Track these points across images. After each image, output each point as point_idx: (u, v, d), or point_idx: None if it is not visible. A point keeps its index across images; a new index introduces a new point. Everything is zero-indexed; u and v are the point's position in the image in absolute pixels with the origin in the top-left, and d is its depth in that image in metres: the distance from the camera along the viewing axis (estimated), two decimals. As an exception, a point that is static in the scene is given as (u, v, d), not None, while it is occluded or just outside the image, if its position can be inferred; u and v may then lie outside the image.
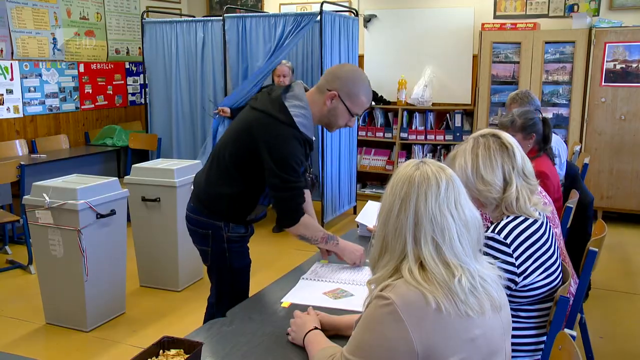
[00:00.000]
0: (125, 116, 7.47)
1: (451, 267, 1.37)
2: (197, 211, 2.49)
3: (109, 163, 6.50)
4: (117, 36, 7.35)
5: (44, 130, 6.41)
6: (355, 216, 6.50)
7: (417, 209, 1.38)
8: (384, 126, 7.20)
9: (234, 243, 2.49)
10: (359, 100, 2.35)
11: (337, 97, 2.33)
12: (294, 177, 2.29)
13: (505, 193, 1.91)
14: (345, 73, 2.36)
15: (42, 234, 3.71)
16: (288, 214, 2.34)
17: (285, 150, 2.27)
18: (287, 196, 2.30)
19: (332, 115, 2.37)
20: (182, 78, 6.36)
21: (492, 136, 1.95)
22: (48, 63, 6.41)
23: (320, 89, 2.38)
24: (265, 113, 2.33)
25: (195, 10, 8.22)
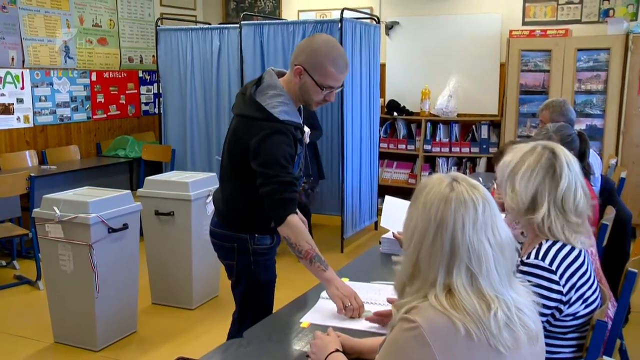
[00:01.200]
0: (138, 126, 7.54)
1: (486, 298, 1.34)
2: (221, 225, 2.52)
3: (121, 175, 6.56)
4: (130, 44, 7.43)
5: (54, 140, 6.49)
6: (376, 232, 6.52)
7: (453, 237, 1.35)
8: (406, 138, 7.18)
9: (260, 255, 2.50)
10: (327, 71, 2.30)
11: (303, 72, 2.31)
12: (278, 171, 2.25)
13: (530, 213, 1.87)
14: (309, 44, 2.33)
15: (51, 249, 3.73)
16: (272, 210, 2.28)
17: (269, 149, 2.26)
18: (267, 190, 2.26)
19: (304, 92, 2.34)
20: (197, 87, 6.40)
21: (551, 152, 1.91)
22: (59, 71, 6.50)
23: (290, 66, 2.37)
24: (242, 117, 2.36)
25: (211, 17, 8.29)
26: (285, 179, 2.26)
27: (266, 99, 2.33)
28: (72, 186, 4.35)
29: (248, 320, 2.41)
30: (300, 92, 2.36)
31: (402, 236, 1.46)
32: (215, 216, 2.59)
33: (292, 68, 2.36)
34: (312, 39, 2.36)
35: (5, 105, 5.94)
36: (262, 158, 2.27)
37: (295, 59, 2.34)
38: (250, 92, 2.38)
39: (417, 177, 7.04)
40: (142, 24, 7.58)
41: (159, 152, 6.60)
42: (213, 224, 2.58)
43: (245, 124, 2.34)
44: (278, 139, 2.28)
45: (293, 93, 2.37)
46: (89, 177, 5.98)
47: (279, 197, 2.26)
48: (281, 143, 2.28)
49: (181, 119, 6.55)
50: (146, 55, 7.64)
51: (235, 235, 2.48)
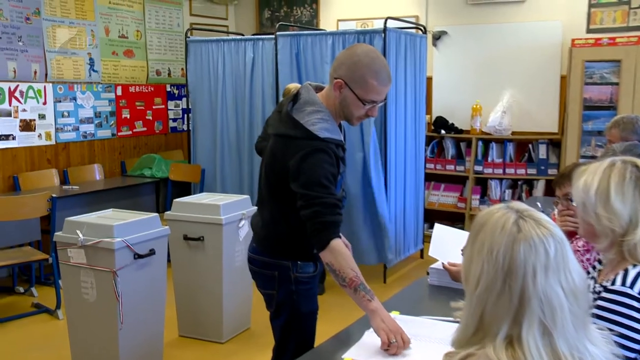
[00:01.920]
0: (166, 144, 7.65)
1: (561, 358, 1.30)
2: (260, 251, 2.55)
3: (147, 196, 6.65)
4: (158, 56, 7.58)
5: (77, 159, 6.62)
6: (422, 261, 6.47)
7: (524, 287, 1.31)
8: (455, 158, 7.14)
9: (303, 284, 2.52)
10: (369, 84, 2.33)
11: (344, 85, 2.34)
12: (320, 192, 2.27)
13: (627, 236, 1.83)
14: (350, 56, 2.35)
15: (73, 275, 3.79)
16: (314, 235, 2.28)
17: (310, 170, 2.28)
18: (308, 213, 2.28)
19: (345, 107, 2.38)
20: (229, 103, 6.48)
21: (634, 166, 1.88)
22: (83, 85, 6.65)
23: (330, 80, 2.40)
24: (279, 136, 2.40)
25: (244, 27, 8.41)
26: (327, 200, 2.27)
27: (304, 116, 2.37)
28: (95, 208, 4.42)
29: (288, 355, 2.43)
30: (340, 107, 2.39)
31: (463, 281, 1.42)
32: (253, 242, 2.61)
33: (331, 81, 2.39)
34: (353, 49, 2.38)
35: (26, 122, 6.10)
36: (302, 179, 2.29)
37: (335, 72, 2.37)
38: (287, 110, 2.41)
39: (467, 200, 6.98)
40: (170, 34, 7.73)
41: (188, 172, 6.68)
42: (251, 250, 2.61)
43: (283, 144, 2.37)
44: (319, 158, 2.30)
45: (333, 108, 2.40)
46: (113, 198, 6.08)
47: (321, 220, 2.26)
48: (322, 162, 2.30)
49: (211, 137, 6.63)
50: (175, 68, 7.77)
51: (276, 263, 2.50)
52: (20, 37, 6.01)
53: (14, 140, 6.01)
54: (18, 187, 5.97)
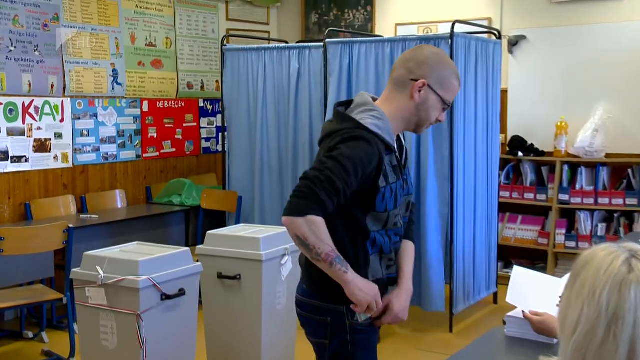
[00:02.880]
0: (197, 167, 7.77)
1: None
2: (310, 294, 2.56)
3: (176, 227, 6.74)
4: (190, 66, 7.72)
5: (96, 184, 6.76)
6: (496, 307, 6.38)
7: (634, 339, 1.29)
8: (535, 185, 7.06)
9: (360, 333, 2.52)
10: (452, 85, 2.52)
11: (426, 87, 2.47)
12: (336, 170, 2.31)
13: None
14: (431, 55, 2.51)
15: (91, 318, 3.83)
16: (297, 196, 2.31)
17: (343, 149, 2.35)
18: (309, 175, 2.33)
19: (423, 111, 2.50)
20: (271, 120, 6.54)
21: None
22: (105, 100, 6.81)
23: (399, 83, 2.52)
24: (326, 137, 2.48)
25: (288, 33, 8.50)
26: (336, 182, 2.30)
27: (356, 115, 2.47)
28: (117, 240, 4.49)
29: None
30: (417, 110, 2.51)
31: (559, 330, 1.41)
32: (303, 282, 2.62)
33: (404, 84, 2.51)
34: (426, 50, 2.55)
35: (41, 142, 6.27)
36: (331, 152, 2.36)
37: (412, 73, 2.49)
38: (338, 114, 2.54)
39: (550, 236, 6.88)
40: (204, 42, 7.87)
41: (222, 200, 6.75)
42: (300, 292, 2.62)
43: (328, 142, 2.45)
44: (359, 145, 2.36)
45: (396, 113, 2.51)
46: (137, 229, 6.18)
47: (315, 190, 2.29)
48: (361, 149, 2.36)
49: (250, 160, 6.70)
50: (209, 80, 7.91)
51: (329, 307, 2.51)
52: (37, 47, 6.20)
53: (27, 163, 6.17)
54: (30, 215, 6.11)
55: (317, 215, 2.30)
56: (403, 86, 2.51)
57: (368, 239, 2.48)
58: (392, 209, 2.49)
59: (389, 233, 2.53)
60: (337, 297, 2.47)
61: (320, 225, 2.31)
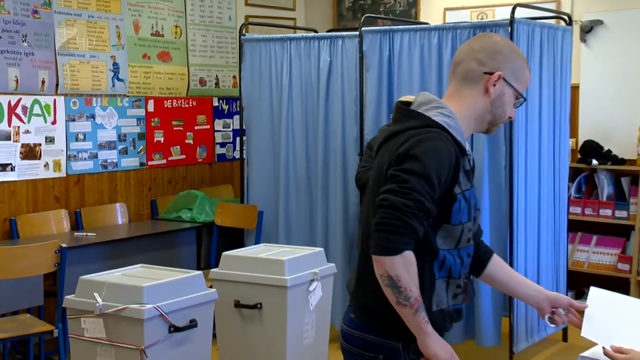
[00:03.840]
0: (211, 177, 7.79)
1: None
2: (362, 326, 2.56)
3: (186, 247, 6.72)
4: (202, 59, 7.75)
5: (93, 196, 6.78)
6: (566, 345, 6.30)
7: None
8: (613, 199, 6.97)
9: None
10: (525, 77, 2.64)
11: (501, 79, 2.56)
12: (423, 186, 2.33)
13: None
14: (503, 44, 2.61)
15: (87, 354, 3.83)
16: (388, 232, 2.33)
17: (423, 156, 2.37)
18: (395, 202, 2.32)
19: (498, 107, 2.59)
20: (297, 122, 6.54)
21: None
22: (105, 99, 6.84)
23: (469, 77, 2.59)
24: (390, 137, 2.54)
25: (317, 21, 8.49)
26: (425, 201, 2.33)
27: (424, 112, 2.52)
28: (118, 262, 4.50)
29: None
30: (492, 106, 2.59)
31: None
32: (351, 311, 2.64)
33: (476, 78, 2.58)
34: (496, 38, 2.65)
35: (29, 147, 6.29)
36: (409, 164, 2.37)
37: (485, 66, 2.57)
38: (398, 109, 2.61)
39: (633, 260, 6.78)
40: (220, 31, 7.91)
41: (240, 216, 6.74)
42: (348, 323, 2.63)
43: (395, 140, 2.49)
44: (438, 147, 2.41)
45: (467, 112, 2.58)
46: (141, 249, 6.19)
47: (407, 219, 2.31)
48: (438, 153, 2.40)
49: (272, 168, 6.69)
50: (225, 76, 7.94)
51: (383, 343, 2.51)
52: (25, 36, 6.24)
53: (13, 172, 6.18)
54: (16, 233, 6.12)
55: (411, 249, 2.34)
56: (474, 81, 2.57)
57: (436, 259, 2.48)
58: (465, 221, 2.51)
59: (461, 253, 2.54)
60: (393, 331, 2.48)
61: (414, 263, 2.35)
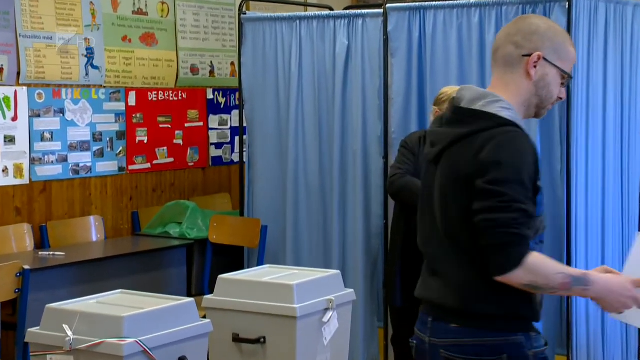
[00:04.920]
0: (205, 185, 7.79)
1: None
2: (474, 332, 2.82)
3: (175, 269, 6.73)
4: (194, 43, 7.76)
5: (62, 207, 6.78)
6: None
7: None
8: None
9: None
10: (569, 53, 2.91)
11: (542, 60, 2.85)
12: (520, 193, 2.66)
13: None
14: (538, 23, 2.91)
15: (55, 398, 3.84)
16: (500, 249, 2.66)
17: (511, 159, 2.69)
18: (499, 219, 2.64)
19: (543, 88, 2.89)
20: (309, 118, 6.54)
21: None
22: (76, 91, 6.85)
23: (508, 62, 2.90)
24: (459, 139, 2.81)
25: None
26: (527, 207, 2.65)
27: (480, 108, 2.82)
28: (92, 288, 4.48)
29: None
30: (537, 90, 2.88)
31: None
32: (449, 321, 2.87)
33: (515, 62, 2.88)
34: (532, 18, 2.99)
35: (-15, 148, 6.31)
36: (496, 172, 2.67)
37: (523, 48, 2.86)
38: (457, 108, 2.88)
39: None
40: (215, 8, 7.92)
41: (240, 231, 6.73)
42: (452, 334, 2.86)
43: (467, 145, 2.77)
44: (523, 146, 2.74)
45: (516, 98, 2.88)
46: (120, 271, 6.17)
47: (516, 231, 2.62)
48: (526, 153, 2.73)
49: (279, 174, 6.69)
50: (221, 62, 7.96)
51: (505, 341, 2.80)
52: (-19, 15, 6.28)
53: (-35, 178, 6.22)
54: (-32, 252, 6.13)
55: (529, 253, 2.66)
56: (514, 65, 2.87)
57: None
58: (543, 210, 2.82)
59: (537, 239, 2.83)
60: (513, 326, 2.80)
61: (538, 261, 2.69)
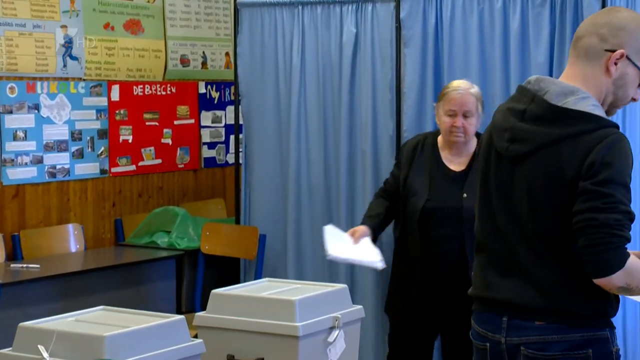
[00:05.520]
0: (196, 189, 7.80)
1: None
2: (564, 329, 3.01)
3: (163, 283, 6.75)
4: (185, 31, 7.77)
5: (37, 214, 6.77)
6: None
7: None
8: None
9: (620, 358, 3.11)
10: None
11: (624, 58, 2.98)
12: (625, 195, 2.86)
13: None
14: (629, 19, 3.02)
15: None
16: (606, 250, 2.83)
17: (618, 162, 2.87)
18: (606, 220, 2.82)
19: (621, 87, 3.04)
20: (312, 114, 6.53)
21: None
22: (53, 84, 6.85)
23: (589, 54, 3.03)
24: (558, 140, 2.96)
25: (339, -22, 8.48)
26: (630, 209, 2.86)
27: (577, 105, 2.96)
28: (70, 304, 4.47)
29: None
30: (614, 87, 3.03)
31: None
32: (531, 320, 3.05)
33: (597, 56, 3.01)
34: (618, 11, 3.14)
35: (-49, 148, 6.32)
36: (606, 173, 2.84)
37: (607, 42, 2.99)
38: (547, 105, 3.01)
39: None
40: (207, -7, 7.93)
41: (235, 241, 6.73)
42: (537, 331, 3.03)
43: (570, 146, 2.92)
44: (624, 148, 2.91)
45: (595, 93, 3.02)
46: (101, 286, 6.17)
47: (621, 233, 2.82)
48: (628, 153, 2.92)
49: (279, 177, 6.69)
50: (214, 52, 7.96)
51: (591, 337, 3.00)
52: (-53, -1, 6.28)
53: None
54: None
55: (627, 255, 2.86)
56: (594, 59, 3.00)
57: None
58: None
59: None
60: (600, 323, 3.02)
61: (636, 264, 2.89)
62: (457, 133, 5.15)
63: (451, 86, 5.35)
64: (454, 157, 5.30)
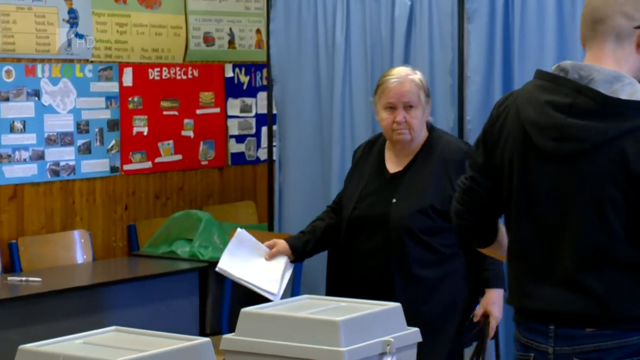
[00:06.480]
0: (222, 190, 7.87)
1: None
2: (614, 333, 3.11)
3: (184, 300, 6.80)
4: (209, 4, 7.83)
5: (38, 219, 6.85)
6: None
7: None
8: None
9: None
10: None
11: None
12: None
13: None
14: None
15: None
16: None
17: None
18: None
19: None
20: (358, 102, 6.58)
21: None
22: (56, 67, 6.92)
23: (618, 34, 3.13)
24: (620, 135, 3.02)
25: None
26: None
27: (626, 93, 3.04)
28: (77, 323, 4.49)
29: None
30: None
31: None
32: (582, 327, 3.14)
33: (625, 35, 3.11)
34: None
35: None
36: None
37: (633, 20, 3.08)
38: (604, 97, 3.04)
39: None
40: (235, -40, 7.97)
41: (267, 250, 6.75)
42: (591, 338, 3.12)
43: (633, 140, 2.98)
44: None
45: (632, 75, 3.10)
46: (113, 302, 6.25)
47: None
48: None
49: (319, 176, 6.75)
50: (243, 29, 8.02)
51: None
52: None
53: None
54: None
55: None
56: (624, 39, 3.11)
57: None
58: None
59: None
60: None
61: None
62: (399, 130, 5.01)
63: (387, 74, 5.27)
64: (397, 158, 5.19)
